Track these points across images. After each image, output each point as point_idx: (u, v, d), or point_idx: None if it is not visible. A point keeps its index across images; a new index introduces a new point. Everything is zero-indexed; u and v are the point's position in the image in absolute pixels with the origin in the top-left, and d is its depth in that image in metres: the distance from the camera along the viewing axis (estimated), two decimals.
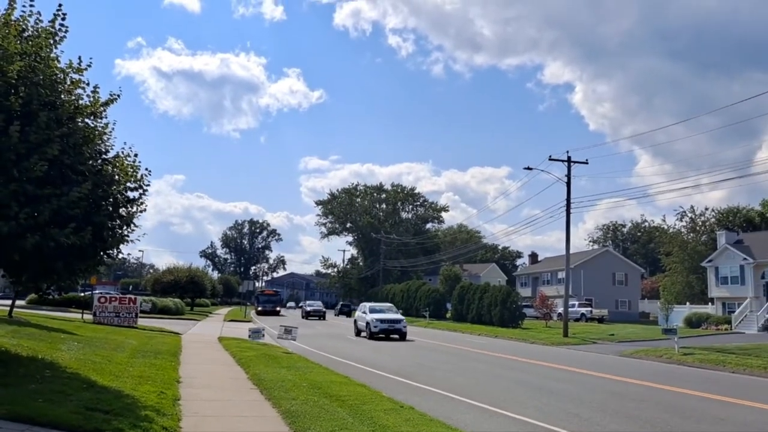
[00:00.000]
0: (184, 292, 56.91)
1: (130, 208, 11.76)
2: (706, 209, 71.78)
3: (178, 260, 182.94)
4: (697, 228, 68.13)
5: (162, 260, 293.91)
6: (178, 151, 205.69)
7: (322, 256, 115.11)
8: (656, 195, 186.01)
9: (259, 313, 59.82)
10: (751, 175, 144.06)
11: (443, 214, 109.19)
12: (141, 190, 11.80)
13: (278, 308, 65.34)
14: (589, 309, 55.90)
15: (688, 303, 54.33)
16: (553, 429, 10.04)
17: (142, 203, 11.92)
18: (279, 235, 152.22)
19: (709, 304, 52.14)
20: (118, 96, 11.60)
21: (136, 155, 11.75)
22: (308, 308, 63.01)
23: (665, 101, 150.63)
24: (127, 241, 11.97)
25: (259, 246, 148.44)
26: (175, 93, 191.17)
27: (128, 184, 11.66)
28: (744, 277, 48.28)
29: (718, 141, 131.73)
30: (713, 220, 69.15)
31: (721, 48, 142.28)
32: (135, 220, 11.92)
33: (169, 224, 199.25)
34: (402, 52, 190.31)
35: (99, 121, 11.42)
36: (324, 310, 63.51)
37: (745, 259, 47.99)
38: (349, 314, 66.47)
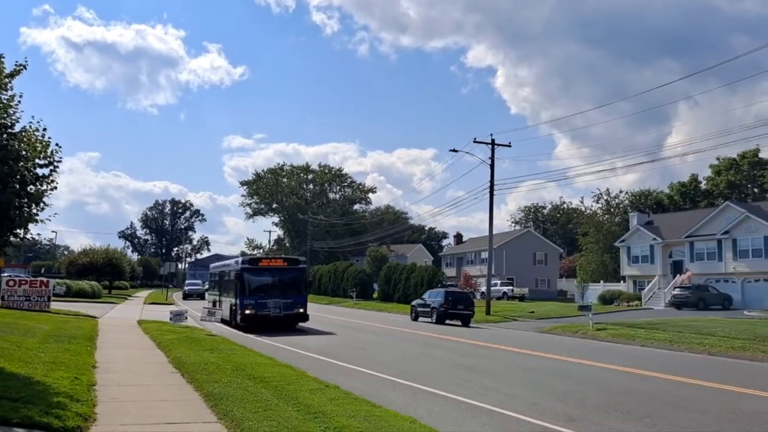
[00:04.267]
0: (102, 274, 54.72)
1: (39, 186, 11.09)
2: (621, 192, 75.69)
3: (94, 242, 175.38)
4: (612, 210, 71.47)
5: (77, 242, 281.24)
6: (92, 127, 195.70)
7: (247, 238, 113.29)
8: (574, 177, 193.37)
9: (246, 321, 24.14)
10: (662, 159, 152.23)
11: (370, 195, 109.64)
12: (51, 167, 11.14)
13: (302, 309, 25.29)
14: (511, 288, 57.71)
15: (602, 281, 56.99)
16: (474, 404, 10.32)
17: (52, 181, 11.26)
18: (202, 215, 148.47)
19: (622, 281, 54.87)
20: (24, 66, 10.88)
21: (45, 130, 11.07)
22: None
23: (583, 87, 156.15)
24: (37, 221, 11.31)
25: (182, 227, 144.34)
26: (86, 65, 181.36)
27: (37, 161, 10.98)
28: (653, 256, 51.07)
29: (633, 126, 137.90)
30: (627, 202, 72.75)
31: (636, 36, 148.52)
32: (45, 199, 11.27)
33: (84, 204, 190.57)
34: (327, 30, 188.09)
35: (4, 93, 10.69)
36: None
37: (654, 239, 50.73)
38: None
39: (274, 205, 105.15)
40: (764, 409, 10.57)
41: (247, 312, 24.02)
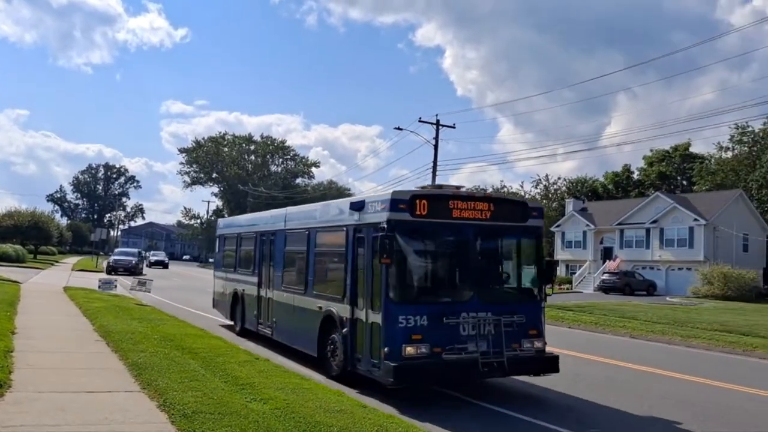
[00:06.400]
0: (27, 238, 52.55)
1: None
2: (559, 178, 77.56)
3: (20, 204, 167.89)
4: (550, 195, 73.28)
5: (1, 203, 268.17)
6: (21, 82, 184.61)
7: (184, 207, 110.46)
8: (516, 162, 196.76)
9: (407, 375, 8.92)
10: (600, 148, 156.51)
11: (314, 169, 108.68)
12: None
13: (539, 342, 10.78)
14: None
15: None
16: None
17: None
18: (138, 182, 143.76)
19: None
20: None
21: None
22: None
23: (530, 72, 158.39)
24: None
25: (116, 192, 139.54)
26: (15, 17, 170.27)
27: None
28: (586, 241, 52.78)
29: (575, 114, 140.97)
30: (564, 188, 74.71)
31: (582, 24, 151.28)
32: None
33: (10, 164, 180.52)
34: None
35: None
36: None
37: (587, 225, 52.38)
38: (166, 266, 63.16)
39: (214, 175, 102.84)
40: (674, 388, 11.13)
41: (410, 350, 8.94)
